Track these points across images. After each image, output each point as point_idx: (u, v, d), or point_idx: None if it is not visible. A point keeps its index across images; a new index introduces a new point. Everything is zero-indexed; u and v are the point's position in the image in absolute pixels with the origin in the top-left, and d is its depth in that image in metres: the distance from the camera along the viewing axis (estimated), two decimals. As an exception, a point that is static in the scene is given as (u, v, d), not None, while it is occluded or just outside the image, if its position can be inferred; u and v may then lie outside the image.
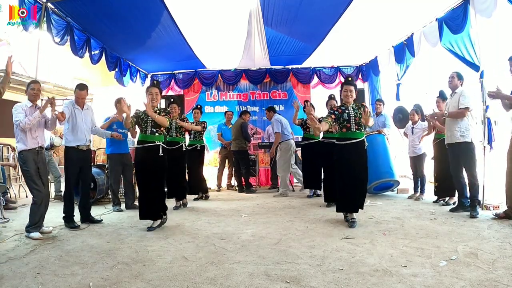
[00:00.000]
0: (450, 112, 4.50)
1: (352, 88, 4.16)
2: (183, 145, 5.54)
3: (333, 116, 4.12)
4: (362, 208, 4.13)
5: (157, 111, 4.15)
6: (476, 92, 4.67)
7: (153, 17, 5.55)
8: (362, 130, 4.11)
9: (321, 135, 5.63)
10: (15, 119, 3.80)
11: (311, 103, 6.03)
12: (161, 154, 4.09)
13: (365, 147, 4.08)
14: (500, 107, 4.18)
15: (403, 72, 6.90)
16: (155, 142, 4.11)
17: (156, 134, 4.14)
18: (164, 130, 4.30)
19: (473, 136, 4.44)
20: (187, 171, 6.02)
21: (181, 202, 5.70)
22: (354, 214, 4.11)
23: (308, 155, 6.21)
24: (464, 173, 4.53)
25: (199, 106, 6.57)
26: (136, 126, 4.28)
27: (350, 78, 4.28)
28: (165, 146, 4.24)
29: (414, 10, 5.42)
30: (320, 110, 6.26)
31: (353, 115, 4.05)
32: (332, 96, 5.63)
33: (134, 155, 4.32)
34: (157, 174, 4.13)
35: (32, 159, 3.85)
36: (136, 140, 4.63)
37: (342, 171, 4.11)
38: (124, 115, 4.12)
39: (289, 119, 8.26)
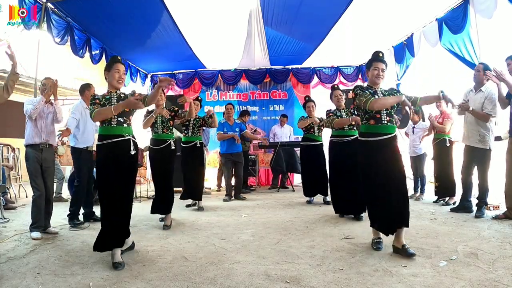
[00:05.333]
0: (474, 111, 4.27)
1: (384, 66, 3.13)
2: (171, 143, 4.48)
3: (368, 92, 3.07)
4: (407, 226, 3.04)
5: (122, 96, 3.11)
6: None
7: (153, 17, 5.56)
8: (394, 124, 3.15)
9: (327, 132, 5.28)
10: (24, 109, 3.85)
11: (312, 100, 5.74)
12: (132, 152, 3.01)
13: (397, 145, 3.15)
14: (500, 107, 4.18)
15: (403, 72, 6.92)
16: (124, 136, 3.02)
17: (125, 125, 3.04)
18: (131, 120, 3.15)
19: (492, 141, 4.29)
20: (184, 173, 5.34)
21: (168, 217, 4.41)
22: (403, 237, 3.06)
23: (308, 158, 5.64)
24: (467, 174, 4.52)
25: (199, 98, 5.86)
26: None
27: (380, 54, 3.17)
28: (135, 140, 3.10)
29: (414, 10, 5.43)
30: (320, 110, 6.23)
31: None
32: (336, 86, 4.93)
33: (96, 154, 3.17)
34: (127, 182, 3.05)
35: (35, 157, 3.83)
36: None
37: (373, 179, 3.11)
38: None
39: (290, 119, 8.33)
